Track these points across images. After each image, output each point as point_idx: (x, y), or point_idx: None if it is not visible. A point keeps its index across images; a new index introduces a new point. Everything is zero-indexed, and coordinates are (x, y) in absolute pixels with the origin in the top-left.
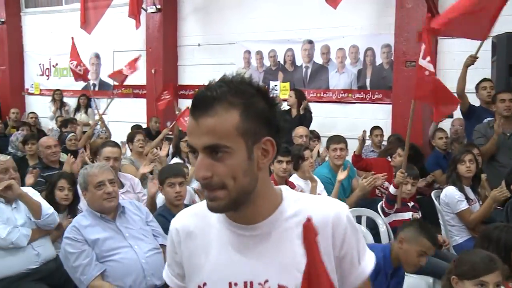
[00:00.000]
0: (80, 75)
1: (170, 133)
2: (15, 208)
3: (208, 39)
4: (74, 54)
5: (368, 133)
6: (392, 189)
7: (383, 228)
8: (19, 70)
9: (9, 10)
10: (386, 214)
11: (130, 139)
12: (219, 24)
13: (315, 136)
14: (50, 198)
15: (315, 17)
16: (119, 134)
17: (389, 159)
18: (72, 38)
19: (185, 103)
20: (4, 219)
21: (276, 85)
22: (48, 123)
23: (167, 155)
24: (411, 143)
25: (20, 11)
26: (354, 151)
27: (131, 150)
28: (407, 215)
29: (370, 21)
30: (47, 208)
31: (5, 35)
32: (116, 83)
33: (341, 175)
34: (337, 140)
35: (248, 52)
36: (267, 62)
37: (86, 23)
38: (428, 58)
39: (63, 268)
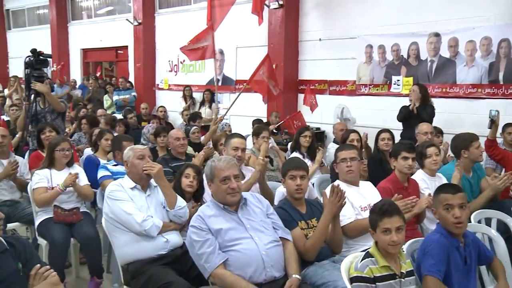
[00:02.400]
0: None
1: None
2: (149, 196)
3: (329, 34)
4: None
5: (500, 131)
6: None
7: None
8: (151, 67)
9: (145, 11)
10: None
11: (256, 133)
12: (340, 18)
13: (438, 131)
14: (178, 186)
15: (442, 9)
16: (240, 128)
17: None
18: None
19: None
20: (139, 205)
21: (398, 80)
22: (176, 117)
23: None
24: None
25: (154, 12)
26: (487, 136)
27: (254, 143)
28: None
29: (505, 9)
30: (181, 201)
31: (141, 35)
32: (238, 78)
33: (455, 178)
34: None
35: (370, 46)
36: (389, 56)
37: (212, 21)
38: None
39: (188, 255)
